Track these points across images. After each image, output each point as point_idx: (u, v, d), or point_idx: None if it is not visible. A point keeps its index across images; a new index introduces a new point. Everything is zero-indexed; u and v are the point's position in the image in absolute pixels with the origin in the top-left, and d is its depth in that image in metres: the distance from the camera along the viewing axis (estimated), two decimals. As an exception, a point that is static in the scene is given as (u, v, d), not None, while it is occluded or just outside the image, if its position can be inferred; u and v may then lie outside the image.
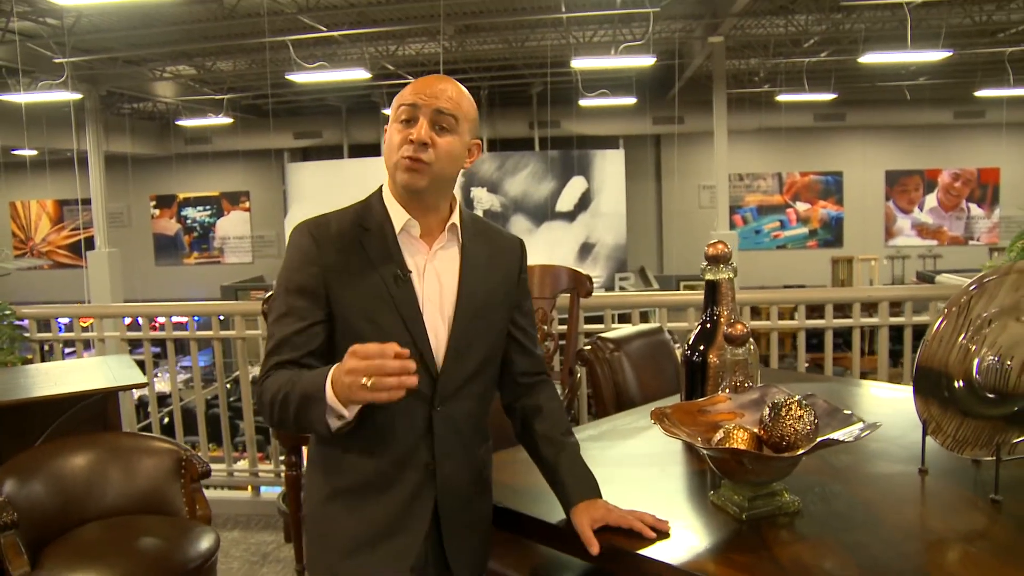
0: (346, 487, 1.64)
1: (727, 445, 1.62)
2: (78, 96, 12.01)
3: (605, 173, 15.90)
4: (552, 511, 1.70)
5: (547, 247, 15.06)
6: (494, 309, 1.71)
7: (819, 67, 12.98)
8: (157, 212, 19.70)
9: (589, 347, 2.68)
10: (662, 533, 1.58)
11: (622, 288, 14.54)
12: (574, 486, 1.66)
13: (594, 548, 1.57)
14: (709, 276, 2.15)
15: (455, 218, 1.69)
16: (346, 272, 1.62)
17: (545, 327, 3.30)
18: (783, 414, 1.63)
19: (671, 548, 1.56)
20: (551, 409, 1.78)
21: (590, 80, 12.74)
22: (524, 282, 1.80)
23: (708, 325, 2.13)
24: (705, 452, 1.67)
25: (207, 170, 18.54)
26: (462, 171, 1.72)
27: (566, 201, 15.72)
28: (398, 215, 1.65)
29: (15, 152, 15.45)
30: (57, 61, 10.61)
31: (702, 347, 2.14)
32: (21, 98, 11.24)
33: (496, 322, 1.72)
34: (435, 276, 1.66)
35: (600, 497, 1.65)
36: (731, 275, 2.15)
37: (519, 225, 15.61)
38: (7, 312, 4.46)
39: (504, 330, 1.74)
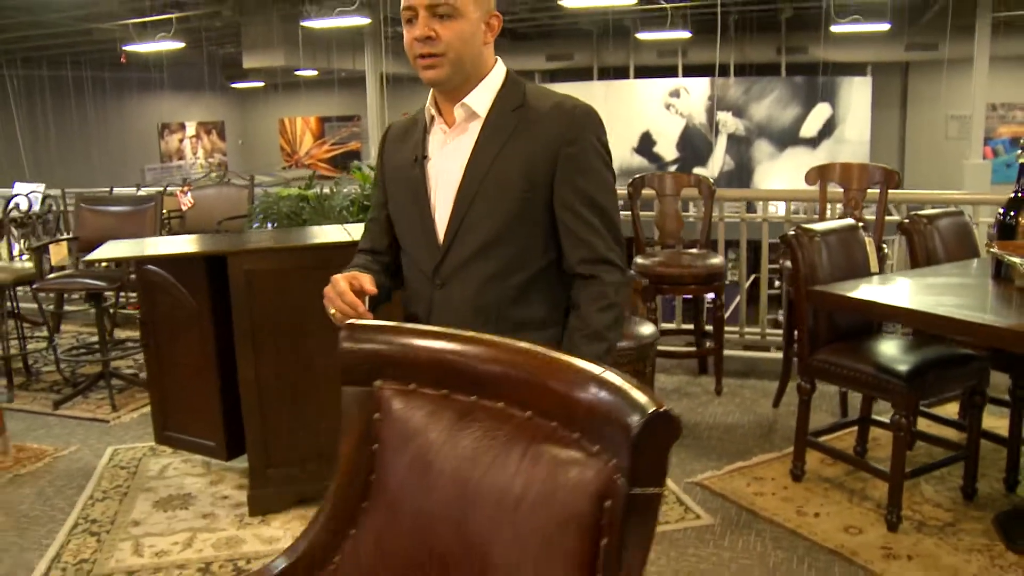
0: None
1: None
2: (367, 21, 13.31)
3: (851, 100, 15.95)
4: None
5: (790, 173, 15.43)
6: (506, 187, 1.67)
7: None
8: (410, 129, 21.34)
9: (908, 220, 3.51)
10: None
11: (861, 215, 14.69)
12: None
13: None
14: (1022, 160, 2.93)
15: (470, 98, 1.70)
16: (392, 162, 1.83)
17: (856, 213, 4.14)
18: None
19: None
20: (586, 312, 1.69)
21: (841, 4, 12.80)
22: (574, 156, 1.67)
23: (1020, 194, 2.92)
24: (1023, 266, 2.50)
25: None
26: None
27: (810, 127, 15.96)
28: (429, 105, 1.76)
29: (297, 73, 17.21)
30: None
31: (1013, 212, 2.94)
32: (318, 24, 12.64)
33: (507, 201, 1.68)
34: (450, 158, 1.71)
35: None
36: (1040, 158, 2.93)
37: (762, 150, 16.04)
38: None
39: (524, 210, 1.68)
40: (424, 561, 1.02)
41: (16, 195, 5.63)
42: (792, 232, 3.19)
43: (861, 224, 3.42)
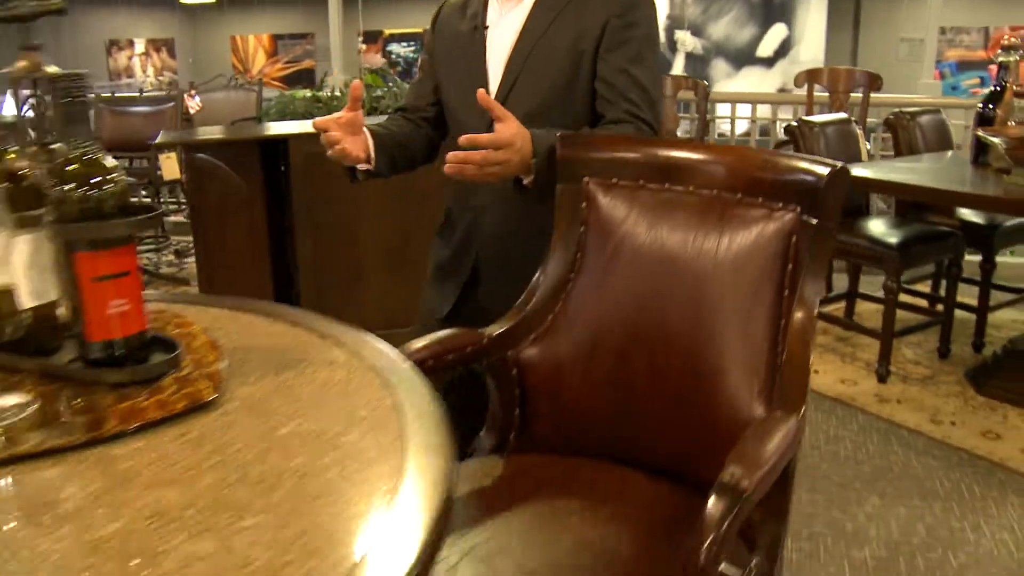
0: (441, 222, 1.92)
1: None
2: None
3: (807, 21, 16.27)
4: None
5: (745, 91, 15.80)
6: (553, 59, 1.68)
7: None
8: (364, 47, 21.18)
9: (893, 116, 3.90)
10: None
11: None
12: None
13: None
14: (1002, 59, 3.32)
15: None
16: (445, 33, 1.86)
17: (844, 110, 4.53)
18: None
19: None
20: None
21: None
22: (619, 30, 1.66)
23: (998, 88, 3.32)
24: (1002, 144, 2.90)
25: (412, 6, 19.74)
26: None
27: (766, 47, 16.25)
28: None
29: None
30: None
31: (992, 105, 3.34)
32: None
33: (554, 73, 1.69)
34: (504, 28, 1.73)
35: (532, 143, 1.54)
36: (1018, 58, 3.31)
37: (719, 69, 16.30)
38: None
39: (570, 83, 1.69)
40: (646, 293, 1.37)
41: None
42: (795, 123, 3.56)
43: (854, 119, 3.80)
